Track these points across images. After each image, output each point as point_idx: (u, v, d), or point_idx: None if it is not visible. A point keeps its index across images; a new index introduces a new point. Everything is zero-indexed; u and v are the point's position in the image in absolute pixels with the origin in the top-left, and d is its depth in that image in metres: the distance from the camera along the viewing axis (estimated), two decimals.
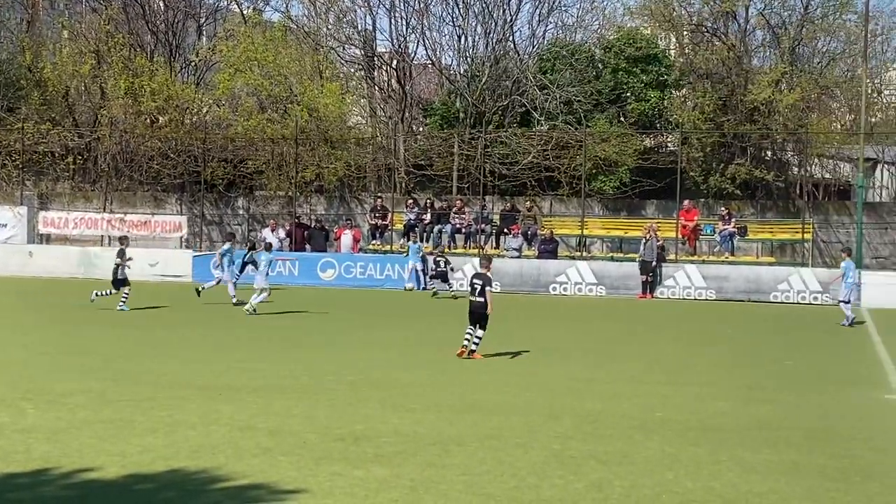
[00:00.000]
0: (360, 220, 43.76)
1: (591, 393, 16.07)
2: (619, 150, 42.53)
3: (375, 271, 37.58)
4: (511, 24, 47.86)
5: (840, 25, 45.98)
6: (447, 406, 14.60)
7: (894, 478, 11.13)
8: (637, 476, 10.82)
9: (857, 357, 21.60)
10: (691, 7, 47.49)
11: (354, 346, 21.56)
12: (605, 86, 44.65)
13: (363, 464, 11.12)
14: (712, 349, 22.43)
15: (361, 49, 50.33)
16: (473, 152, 43.89)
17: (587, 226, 40.82)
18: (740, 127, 43.62)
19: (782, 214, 42.55)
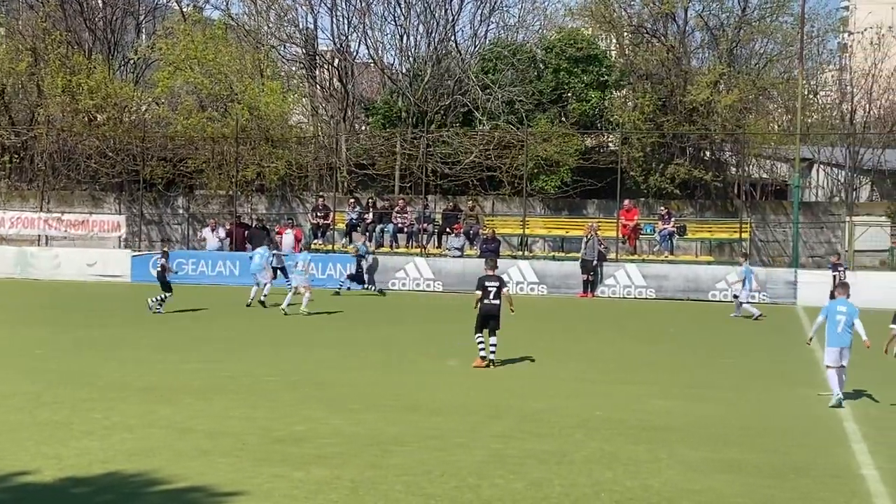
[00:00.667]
0: (302, 220, 43.54)
1: (533, 392, 16.15)
2: (560, 149, 42.74)
3: (317, 270, 37.35)
4: (453, 24, 47.94)
5: (777, 27, 46.59)
6: (389, 406, 14.60)
7: (827, 473, 11.32)
8: (576, 475, 10.90)
9: (793, 355, 21.90)
10: (631, 8, 47.89)
11: (297, 346, 21.46)
12: (547, 86, 44.86)
13: (303, 465, 11.09)
14: (652, 348, 22.63)
15: (303, 48, 50.09)
16: (416, 152, 43.87)
17: (529, 225, 40.96)
18: (679, 127, 44.03)
19: (720, 214, 43.02)
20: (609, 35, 49.56)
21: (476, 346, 18.91)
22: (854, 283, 32.97)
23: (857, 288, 32.77)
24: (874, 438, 13.18)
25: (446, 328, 25.85)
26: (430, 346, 21.93)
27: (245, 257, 38.33)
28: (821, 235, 42.94)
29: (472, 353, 19.01)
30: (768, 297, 34.09)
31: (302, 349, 20.89)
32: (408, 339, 23.39)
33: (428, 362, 19.42)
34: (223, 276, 37.80)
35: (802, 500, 10.25)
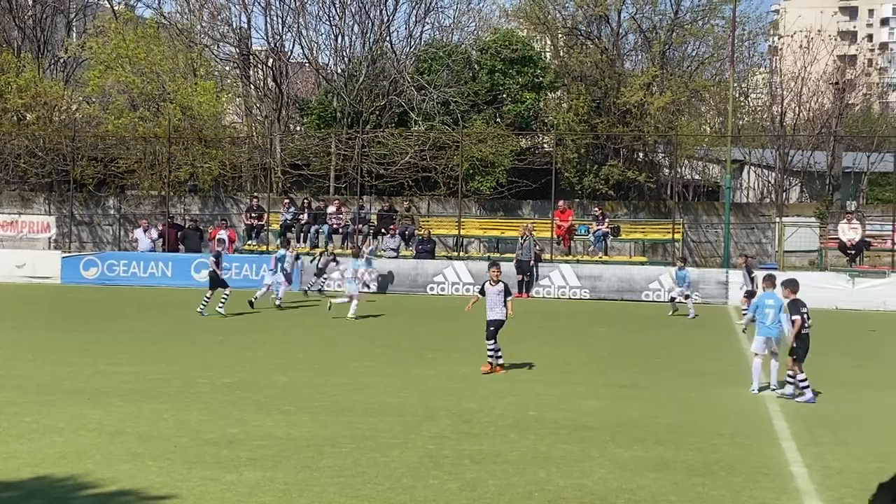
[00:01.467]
0: (236, 221, 43.23)
1: (467, 392, 16.16)
2: (495, 150, 42.92)
3: (251, 272, 37.12)
4: (388, 25, 47.94)
5: (708, 30, 47.20)
6: (323, 408, 14.53)
7: (757, 471, 11.47)
8: (510, 475, 10.93)
9: (724, 354, 22.19)
10: (565, 10, 48.23)
11: (230, 348, 21.28)
12: (482, 87, 45.00)
13: (236, 468, 10.99)
14: (586, 348, 22.77)
15: (236, 47, 49.74)
16: (351, 152, 43.76)
17: (464, 226, 41.04)
18: (613, 129, 44.42)
19: (654, 215, 43.47)
20: (544, 37, 49.87)
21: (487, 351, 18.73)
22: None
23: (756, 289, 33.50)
24: (803, 436, 13.38)
25: (382, 329, 25.81)
26: (365, 347, 21.87)
27: (179, 258, 38.03)
28: (752, 236, 43.56)
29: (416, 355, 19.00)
30: (700, 297, 34.48)
31: (236, 351, 20.71)
32: (343, 340, 23.30)
33: (363, 363, 19.35)
34: (155, 278, 37.38)
35: (732, 498, 10.37)
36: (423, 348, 21.88)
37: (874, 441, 13.25)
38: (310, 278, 35.23)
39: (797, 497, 10.48)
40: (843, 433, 13.73)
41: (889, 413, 15.41)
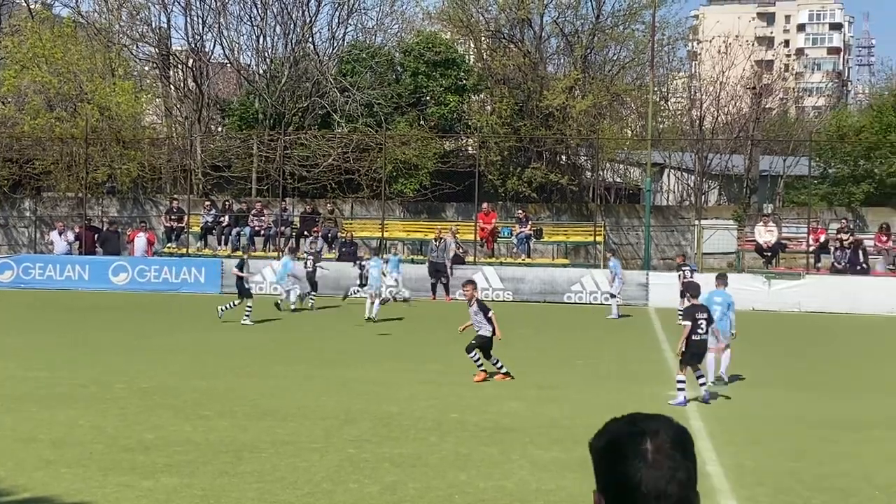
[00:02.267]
0: (155, 223, 42.66)
1: (388, 396, 16.12)
2: (419, 153, 42.92)
3: (171, 275, 36.66)
4: (310, 26, 47.67)
5: (629, 35, 47.73)
6: (242, 412, 14.38)
7: None
8: (430, 478, 10.92)
9: (645, 355, 22.41)
10: (488, 13, 48.41)
11: (147, 352, 20.97)
12: (405, 89, 44.98)
13: (152, 474, 10.84)
14: (508, 350, 22.80)
15: (156, 47, 49.11)
16: (273, 154, 43.44)
17: (388, 228, 40.97)
18: (536, 132, 44.68)
19: (576, 217, 43.81)
20: (467, 39, 50.01)
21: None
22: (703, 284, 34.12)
23: (705, 290, 33.94)
24: (719, 436, 13.56)
25: (303, 333, 25.66)
26: (286, 351, 21.72)
27: (96, 261, 37.45)
28: (671, 238, 44.11)
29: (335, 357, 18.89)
30: (621, 299, 34.81)
31: (153, 355, 20.42)
32: (264, 343, 23.11)
33: (284, 367, 19.21)
34: (72, 281, 36.72)
35: None
36: (345, 352, 21.77)
37: (787, 440, 13.48)
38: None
39: (712, 496, 10.61)
40: (758, 432, 13.95)
41: (801, 412, 15.69)
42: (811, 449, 12.95)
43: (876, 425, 14.75)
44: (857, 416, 15.56)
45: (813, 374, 19.62)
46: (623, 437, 2.52)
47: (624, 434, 2.53)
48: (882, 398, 17.32)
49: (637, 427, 2.54)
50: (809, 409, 15.95)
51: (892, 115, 47.13)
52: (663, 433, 2.53)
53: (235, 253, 38.25)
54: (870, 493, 10.86)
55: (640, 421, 2.56)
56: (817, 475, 11.53)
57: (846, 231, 36.86)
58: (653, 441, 2.49)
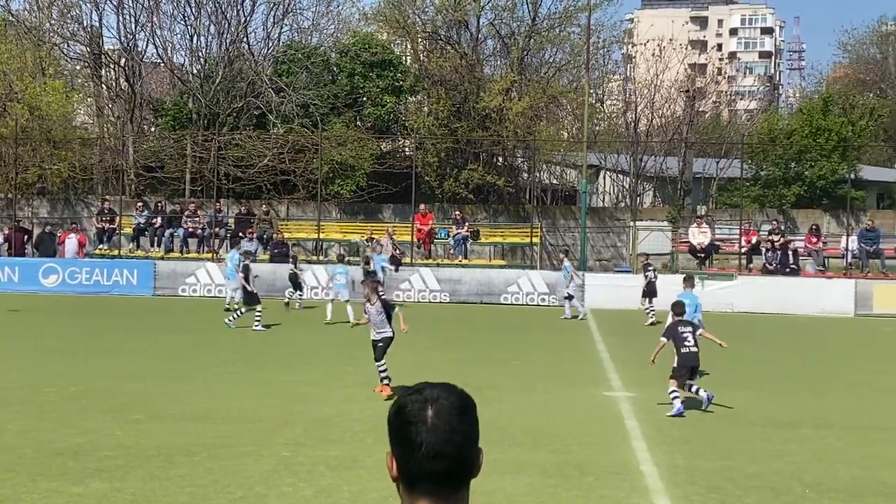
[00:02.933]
0: (87, 224, 42.03)
1: (326, 398, 16.02)
2: (355, 154, 42.78)
3: (103, 277, 36.15)
4: (245, 26, 47.31)
5: (565, 37, 48.02)
6: (175, 416, 14.20)
7: (609, 471, 11.65)
8: (366, 480, 10.86)
9: (581, 356, 22.52)
10: (425, 15, 48.42)
11: (78, 355, 20.64)
12: (342, 90, 44.81)
13: (83, 479, 10.66)
14: (446, 351, 22.83)
15: (87, 46, 48.41)
16: (207, 154, 43.04)
17: (324, 229, 40.76)
18: (473, 133, 44.76)
19: (513, 218, 43.96)
20: (404, 40, 49.98)
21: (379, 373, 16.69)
22: (636, 285, 34.49)
23: (639, 290, 34.28)
24: (653, 436, 13.66)
25: (240, 335, 25.41)
26: (224, 354, 21.50)
27: (26, 263, 36.83)
28: (607, 239, 44.44)
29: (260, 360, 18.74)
30: (557, 300, 35.00)
31: (87, 359, 20.11)
32: (201, 347, 22.87)
33: (221, 370, 19.01)
34: (1, 283, 36.04)
35: (585, 498, 10.51)
36: (283, 354, 21.60)
37: (718, 439, 13.62)
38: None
39: (646, 496, 10.69)
40: (690, 431, 14.08)
41: (733, 411, 15.85)
42: (743, 448, 13.09)
43: (805, 424, 14.95)
44: (788, 415, 15.77)
45: (744, 373, 19.85)
46: (408, 404, 2.84)
47: (409, 401, 2.84)
48: (811, 397, 17.58)
49: (422, 395, 2.84)
50: (741, 409, 16.12)
51: (821, 118, 47.90)
52: (443, 400, 2.84)
53: (169, 254, 37.88)
54: (800, 492, 11.00)
55: (425, 389, 2.86)
56: (749, 474, 11.66)
57: (777, 233, 37.39)
58: (433, 407, 2.81)
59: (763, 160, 48.47)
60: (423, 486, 2.82)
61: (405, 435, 2.83)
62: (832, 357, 23.94)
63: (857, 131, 48.56)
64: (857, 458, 12.74)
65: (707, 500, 10.58)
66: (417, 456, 2.80)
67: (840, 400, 17.37)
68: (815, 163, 46.74)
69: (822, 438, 13.88)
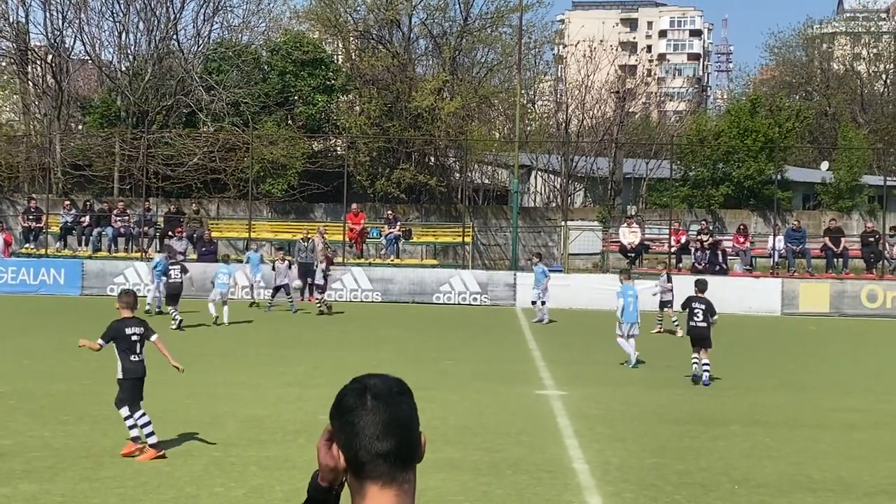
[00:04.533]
0: (13, 223, 41.28)
1: (254, 398, 15.92)
2: (287, 152, 42.53)
3: (29, 276, 35.52)
4: (175, 23, 46.78)
5: (497, 38, 48.20)
6: (102, 417, 14.00)
7: (541, 468, 11.72)
8: (298, 480, 10.80)
9: (513, 355, 22.61)
10: (357, 14, 48.30)
11: (4, 355, 20.26)
12: (273, 88, 44.53)
13: (10, 481, 10.49)
14: (377, 351, 22.80)
15: (13, 42, 47.53)
16: (136, 153, 42.50)
17: (255, 228, 40.48)
18: (405, 133, 44.74)
19: (445, 218, 44.04)
20: (335, 39, 49.80)
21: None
22: (567, 285, 34.74)
23: (571, 290, 34.55)
24: (585, 434, 13.77)
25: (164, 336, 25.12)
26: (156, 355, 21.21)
27: None
28: (538, 239, 44.70)
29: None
30: (489, 300, 35.14)
31: (10, 358, 19.75)
32: None
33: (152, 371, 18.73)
34: None
35: (518, 496, 10.56)
36: (208, 354, 21.38)
37: (649, 437, 13.77)
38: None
39: (579, 493, 10.77)
40: (621, 429, 14.21)
41: (662, 409, 16.04)
42: (672, 445, 13.25)
43: (733, 421, 15.18)
44: (715, 412, 15.99)
45: (672, 371, 20.08)
46: (347, 394, 2.94)
47: (347, 391, 2.95)
48: (738, 395, 17.83)
49: (359, 383, 2.96)
50: (670, 407, 16.33)
51: (749, 119, 48.66)
52: (381, 385, 2.95)
53: (97, 254, 37.33)
54: (729, 488, 11.16)
55: (362, 379, 2.98)
56: (679, 471, 11.81)
57: (706, 232, 37.87)
58: (371, 391, 2.91)
59: (692, 161, 49.11)
60: (371, 470, 2.87)
61: (348, 422, 2.88)
62: (760, 355, 24.31)
63: (783, 133, 49.40)
64: (784, 454, 12.97)
65: (639, 497, 10.69)
66: (363, 440, 2.86)
67: (768, 398, 17.65)
68: (743, 163, 47.47)
69: (750, 436, 14.09)
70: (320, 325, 28.40)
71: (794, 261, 37.50)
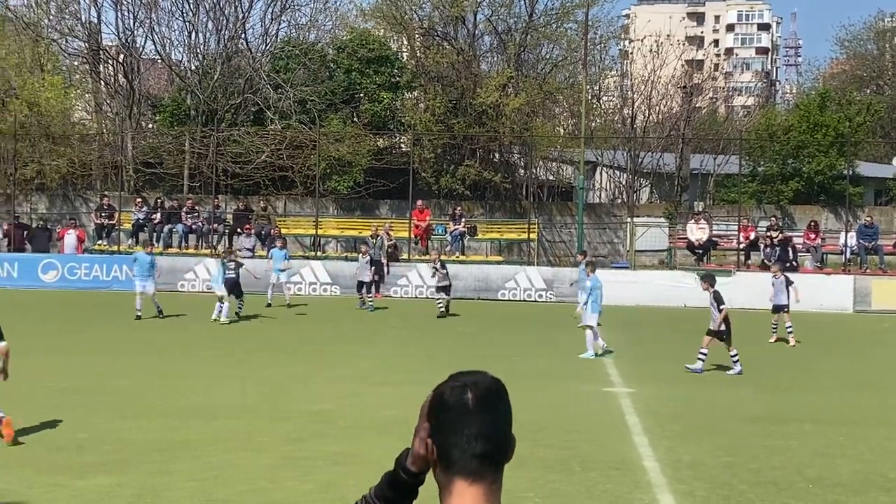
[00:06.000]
0: (86, 220, 42.01)
1: (321, 393, 16.04)
2: (352, 150, 42.76)
3: (102, 272, 36.14)
4: (243, 22, 47.25)
5: (562, 33, 47.99)
6: (174, 411, 14.21)
7: (611, 466, 11.67)
8: (368, 475, 10.79)
9: (580, 352, 22.50)
10: (422, 11, 48.36)
11: (79, 351, 20.64)
12: (339, 86, 44.79)
13: (86, 473, 10.68)
14: (443, 347, 22.84)
15: (86, 42, 48.36)
16: (205, 150, 43.01)
17: (321, 225, 40.77)
18: (470, 129, 44.73)
19: (509, 215, 43.95)
20: (400, 37, 49.93)
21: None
22: (634, 282, 34.55)
23: (637, 287, 34.35)
24: (654, 431, 13.68)
25: (235, 331, 25.44)
26: (217, 350, 21.51)
27: (25, 258, 36.74)
28: (604, 236, 44.45)
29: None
30: (555, 296, 35.02)
31: (83, 355, 20.11)
32: (194, 342, 22.87)
33: (215, 366, 19.02)
34: (1, 279, 36.02)
35: (587, 493, 10.53)
36: (273, 350, 21.59)
37: (720, 435, 13.64)
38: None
39: (649, 490, 10.71)
40: (691, 427, 14.10)
41: (734, 408, 15.88)
42: (744, 443, 13.11)
43: (805, 420, 14.98)
44: (787, 411, 15.80)
45: (744, 369, 19.86)
46: (447, 391, 2.94)
47: (447, 388, 2.95)
48: (810, 393, 17.60)
49: (459, 381, 2.96)
50: (740, 405, 16.16)
51: (818, 114, 47.94)
52: (482, 385, 2.97)
53: (168, 250, 37.86)
54: (803, 487, 11.02)
55: (461, 377, 2.98)
56: (752, 469, 11.68)
57: (775, 228, 37.40)
58: (473, 392, 2.92)
59: (760, 156, 48.50)
60: (461, 467, 2.90)
61: (445, 419, 2.92)
62: (831, 353, 23.97)
63: (854, 127, 48.60)
64: (858, 452, 12.78)
65: (711, 495, 10.60)
66: (458, 439, 2.89)
67: (840, 396, 17.40)
68: (813, 158, 46.77)
69: (822, 434, 13.90)
70: (387, 321, 28.51)
71: (866, 257, 36.87)
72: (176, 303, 32.15)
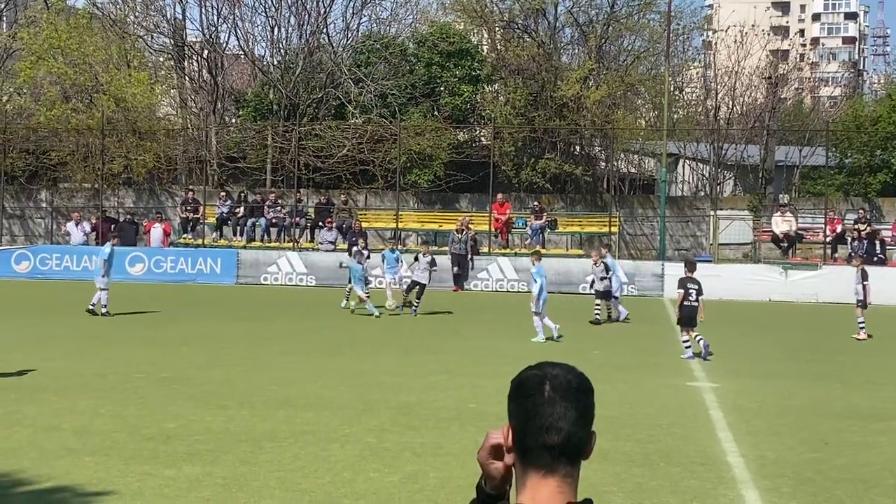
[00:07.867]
0: (171, 214, 42.76)
1: (405, 386, 16.14)
2: (433, 143, 42.89)
3: (187, 265, 36.77)
4: (325, 17, 47.66)
5: (644, 25, 47.56)
6: (260, 402, 14.42)
7: (695, 461, 11.58)
8: (452, 467, 10.94)
9: (662, 347, 22.36)
10: (503, 3, 48.29)
11: (165, 342, 21.04)
12: (419, 80, 44.95)
13: (174, 463, 10.89)
14: (524, 341, 22.82)
15: (171, 38, 49.18)
16: (287, 145, 43.48)
17: (402, 219, 40.97)
18: (550, 122, 44.57)
19: (590, 208, 43.73)
20: (481, 30, 49.92)
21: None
22: (718, 275, 34.16)
23: (721, 281, 33.96)
24: (738, 427, 13.54)
25: (317, 324, 25.70)
26: (300, 342, 21.76)
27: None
28: (686, 229, 44.00)
29: None
30: (637, 290, 34.78)
31: (171, 345, 20.49)
32: (277, 334, 23.16)
33: (295, 358, 19.24)
34: (89, 272, 36.70)
35: (671, 488, 10.47)
36: (356, 343, 21.78)
37: (805, 431, 13.45)
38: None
39: (734, 486, 10.61)
40: (776, 423, 13.92)
41: (819, 403, 15.65)
42: (831, 440, 12.91)
43: (893, 416, 14.71)
44: (875, 407, 15.51)
45: (830, 364, 19.57)
46: (529, 379, 2.99)
47: (529, 375, 3.00)
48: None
49: (541, 371, 3.01)
50: (827, 400, 15.92)
51: None
52: (562, 378, 3.00)
53: (251, 244, 38.36)
54: (893, 484, 10.83)
55: (545, 366, 3.03)
56: (838, 466, 11.51)
57: (863, 221, 36.70)
58: (551, 383, 2.96)
59: (848, 147, 47.60)
60: (534, 458, 2.94)
61: (522, 407, 2.96)
62: None
63: None
64: None
65: (797, 491, 10.47)
66: (531, 427, 2.93)
67: None
68: None
69: None
70: (468, 314, 28.57)
71: None
72: (263, 296, 32.55)
